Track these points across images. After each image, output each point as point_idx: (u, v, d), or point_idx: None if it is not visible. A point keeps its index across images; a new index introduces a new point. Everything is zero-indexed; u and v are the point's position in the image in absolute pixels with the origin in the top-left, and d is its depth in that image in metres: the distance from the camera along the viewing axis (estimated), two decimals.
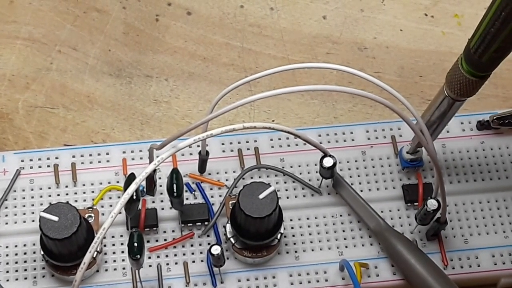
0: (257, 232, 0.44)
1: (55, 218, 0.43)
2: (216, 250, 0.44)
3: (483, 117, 0.49)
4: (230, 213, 0.45)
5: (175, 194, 0.44)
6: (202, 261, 0.46)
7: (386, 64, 0.53)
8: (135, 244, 0.42)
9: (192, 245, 0.46)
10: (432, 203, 0.44)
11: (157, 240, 0.46)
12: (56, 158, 0.48)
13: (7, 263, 0.45)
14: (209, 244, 0.46)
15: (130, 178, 0.42)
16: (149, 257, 0.46)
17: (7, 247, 0.46)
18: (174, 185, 0.44)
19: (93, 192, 0.47)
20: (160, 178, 0.47)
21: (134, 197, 0.43)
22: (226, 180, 0.48)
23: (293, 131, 0.44)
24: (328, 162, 0.45)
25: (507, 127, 0.49)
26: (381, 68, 0.53)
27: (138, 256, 0.42)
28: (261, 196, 0.43)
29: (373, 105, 0.52)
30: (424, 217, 0.45)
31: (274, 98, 0.52)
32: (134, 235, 0.42)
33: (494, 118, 0.49)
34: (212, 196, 0.47)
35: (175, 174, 0.44)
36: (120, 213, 0.43)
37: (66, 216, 0.43)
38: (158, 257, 0.46)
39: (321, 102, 0.52)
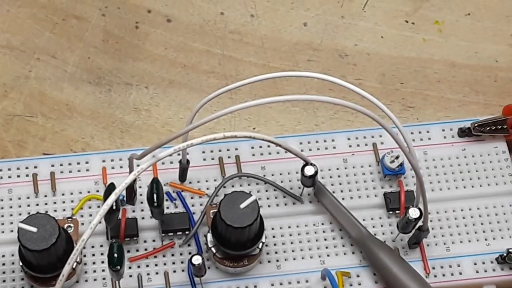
0: (238, 242, 0.44)
1: (34, 229, 0.42)
2: (197, 260, 0.43)
3: (464, 124, 0.49)
4: (211, 223, 0.45)
5: (155, 204, 0.43)
6: (183, 270, 0.46)
7: (367, 71, 0.53)
8: (115, 255, 0.42)
9: (173, 255, 0.46)
10: (413, 212, 0.44)
11: (137, 250, 0.46)
12: (35, 167, 0.47)
13: None
14: (190, 253, 0.46)
15: (110, 188, 0.42)
16: (130, 267, 0.45)
17: None
18: (155, 195, 0.43)
19: (72, 201, 0.47)
20: (140, 187, 0.47)
21: (114, 207, 0.43)
22: (207, 188, 0.48)
23: (274, 140, 0.43)
24: (309, 170, 0.45)
25: (488, 134, 0.49)
26: (362, 75, 0.53)
27: (118, 267, 0.41)
28: (242, 206, 0.43)
29: (355, 112, 0.51)
30: (406, 226, 0.45)
31: (255, 106, 0.51)
32: (114, 246, 0.42)
33: (476, 125, 0.49)
34: (193, 205, 0.47)
35: (155, 184, 0.43)
36: (100, 223, 0.43)
37: (45, 227, 0.42)
38: (138, 267, 0.46)
39: (302, 109, 0.52)
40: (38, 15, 0.53)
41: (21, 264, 0.43)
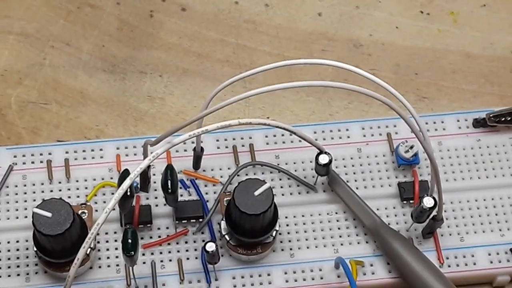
0: (252, 229, 0.44)
1: (48, 214, 0.42)
2: (210, 247, 0.43)
3: (479, 114, 0.49)
4: (225, 210, 0.45)
5: (169, 190, 0.43)
6: (196, 258, 0.46)
7: (382, 61, 0.53)
8: (129, 241, 0.42)
9: (186, 242, 0.46)
10: (428, 201, 0.44)
11: (151, 237, 0.46)
12: (49, 154, 0.47)
13: (0, 260, 0.45)
14: (203, 241, 0.46)
15: (124, 174, 0.42)
16: (143, 254, 0.45)
17: None
18: (169, 181, 0.43)
19: (86, 188, 0.47)
20: (154, 174, 0.47)
21: (128, 193, 0.43)
22: (221, 177, 0.47)
23: (289, 127, 0.43)
24: (323, 159, 0.45)
25: (503, 124, 0.49)
26: (377, 65, 0.53)
27: (132, 252, 0.41)
28: (256, 193, 0.43)
29: (369, 102, 0.51)
30: (420, 215, 0.45)
31: (269, 95, 0.51)
32: (128, 232, 0.42)
33: (491, 115, 0.48)
34: (206, 193, 0.47)
35: (169, 170, 0.43)
36: (114, 209, 0.43)
37: (60, 212, 0.42)
38: (152, 254, 0.46)
39: (316, 99, 0.51)
40: (52, 3, 0.53)
41: (35, 249, 0.44)
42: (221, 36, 0.53)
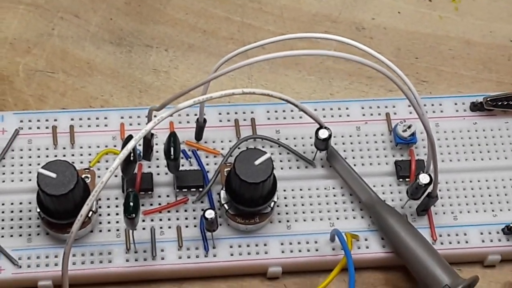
0: (251, 198, 0.45)
1: (53, 175, 0.43)
2: (210, 214, 0.44)
3: (477, 98, 0.50)
4: (226, 179, 0.46)
5: (172, 156, 0.44)
6: (195, 226, 0.47)
7: (383, 44, 0.54)
8: (131, 204, 0.42)
9: (186, 210, 0.47)
10: (424, 177, 0.45)
11: (151, 204, 0.47)
12: (55, 120, 0.48)
13: (3, 220, 0.46)
14: (202, 210, 0.46)
15: (128, 139, 0.43)
16: (143, 220, 0.46)
17: (3, 204, 0.46)
18: (172, 148, 0.44)
19: (90, 154, 0.48)
20: (156, 144, 0.48)
21: (132, 158, 0.43)
22: (222, 149, 0.48)
23: (291, 99, 0.44)
24: (323, 133, 0.46)
25: (499, 108, 0.50)
26: (378, 49, 0.53)
27: (134, 215, 0.42)
28: (256, 162, 0.44)
29: (369, 83, 0.52)
30: (416, 191, 0.46)
31: (272, 73, 0.52)
32: (130, 195, 0.43)
33: (488, 99, 0.49)
34: (207, 164, 0.48)
35: (172, 137, 0.44)
36: (116, 176, 0.44)
37: (64, 173, 0.43)
38: (152, 220, 0.47)
39: (318, 78, 0.52)
40: None
41: (38, 210, 0.44)
42: (226, 14, 0.54)
